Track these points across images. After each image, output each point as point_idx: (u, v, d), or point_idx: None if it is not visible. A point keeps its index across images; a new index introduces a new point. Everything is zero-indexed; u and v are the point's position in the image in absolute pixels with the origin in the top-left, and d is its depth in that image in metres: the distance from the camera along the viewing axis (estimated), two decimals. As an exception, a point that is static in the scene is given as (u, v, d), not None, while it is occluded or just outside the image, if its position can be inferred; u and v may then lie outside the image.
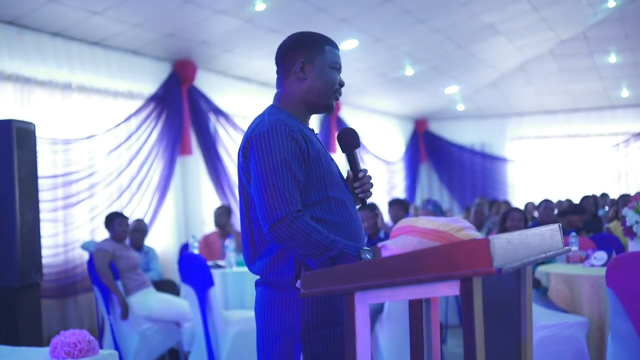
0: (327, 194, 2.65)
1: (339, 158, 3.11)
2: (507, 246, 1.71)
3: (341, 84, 2.81)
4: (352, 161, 2.81)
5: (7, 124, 6.18)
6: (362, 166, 2.89)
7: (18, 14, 7.56)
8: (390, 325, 6.25)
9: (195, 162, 10.44)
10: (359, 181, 2.80)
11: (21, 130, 6.26)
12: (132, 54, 9.42)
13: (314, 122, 13.98)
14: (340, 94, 2.83)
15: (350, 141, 2.83)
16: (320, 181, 2.64)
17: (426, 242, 1.84)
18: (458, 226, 1.85)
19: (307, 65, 2.76)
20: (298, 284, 2.56)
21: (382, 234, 7.36)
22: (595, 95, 16.59)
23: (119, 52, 9.19)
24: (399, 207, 8.50)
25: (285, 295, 2.65)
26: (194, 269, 6.43)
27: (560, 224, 2.32)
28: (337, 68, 2.79)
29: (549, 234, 2.14)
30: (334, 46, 2.81)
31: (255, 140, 2.59)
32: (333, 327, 2.59)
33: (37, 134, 6.57)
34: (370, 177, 2.84)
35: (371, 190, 2.86)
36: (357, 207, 2.87)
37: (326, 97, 2.78)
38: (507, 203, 13.25)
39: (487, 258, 1.57)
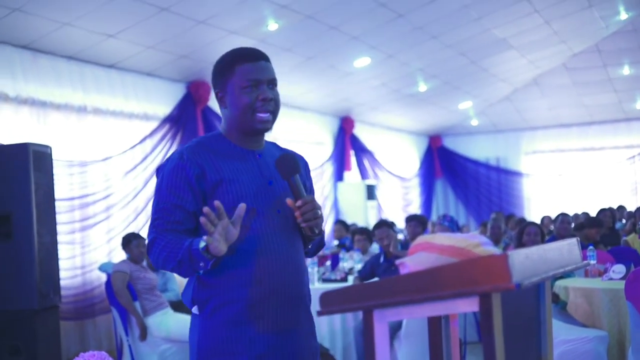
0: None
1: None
2: (526, 261, 1.70)
3: (264, 99, 2.58)
4: (292, 189, 2.57)
5: (24, 148, 6.23)
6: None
7: (33, 38, 7.63)
8: (408, 342, 6.23)
9: (210, 182, 10.46)
10: (298, 210, 2.54)
11: (38, 154, 6.31)
12: (146, 76, 9.47)
13: (329, 140, 14.00)
14: (267, 109, 2.60)
15: (285, 168, 2.58)
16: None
17: (444, 258, 1.84)
18: (475, 242, 1.85)
19: (223, 94, 2.65)
20: (195, 309, 2.59)
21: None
22: (610, 107, 16.55)
23: (134, 74, 9.24)
24: (417, 224, 8.46)
25: (191, 321, 2.66)
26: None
27: (578, 238, 2.31)
28: (252, 85, 2.58)
29: (567, 249, 2.13)
30: (249, 59, 2.63)
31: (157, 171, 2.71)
32: (224, 357, 2.53)
33: (53, 156, 6.61)
34: (312, 207, 2.54)
35: (316, 220, 2.57)
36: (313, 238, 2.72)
37: (245, 121, 2.60)
38: (522, 220, 13.18)
39: (506, 273, 1.56)
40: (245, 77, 2.58)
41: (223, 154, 2.62)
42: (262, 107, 2.58)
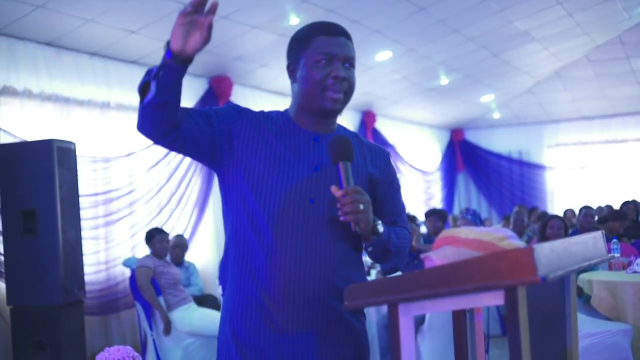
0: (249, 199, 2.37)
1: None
2: (551, 255, 1.70)
3: (336, 77, 2.36)
4: (339, 176, 2.30)
5: (48, 144, 6.28)
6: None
7: (56, 35, 7.67)
8: (431, 336, 6.24)
9: (233, 177, 10.49)
10: (340, 201, 2.25)
11: (62, 150, 6.36)
12: (168, 71, 9.49)
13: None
14: (338, 88, 2.38)
15: (334, 152, 2.32)
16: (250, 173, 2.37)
17: (469, 252, 1.84)
18: (500, 235, 1.84)
19: (295, 66, 2.45)
20: (220, 289, 2.49)
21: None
22: (633, 99, 16.41)
23: (156, 70, 9.26)
24: (437, 218, 8.47)
25: None
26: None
27: (603, 231, 2.30)
28: (326, 59, 2.37)
29: (592, 242, 2.12)
30: (328, 33, 2.41)
31: None
32: (225, 346, 2.48)
33: (77, 152, 6.66)
34: (352, 200, 2.24)
35: (356, 215, 2.24)
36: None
37: (313, 98, 2.39)
38: (544, 213, 13.12)
39: (531, 267, 1.56)
40: (320, 50, 2.37)
41: (277, 131, 2.44)
42: (334, 86, 2.36)
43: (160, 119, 2.28)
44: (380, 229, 2.38)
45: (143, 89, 2.29)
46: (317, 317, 2.36)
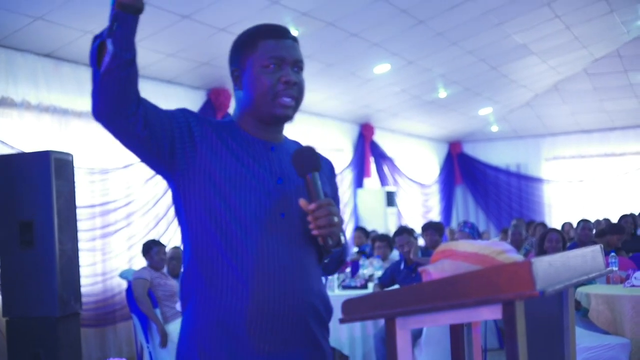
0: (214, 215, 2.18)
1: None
2: (549, 268, 1.69)
3: (287, 82, 2.20)
4: (307, 189, 2.15)
5: (45, 155, 6.28)
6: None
7: (55, 46, 7.68)
8: (429, 349, 6.21)
9: (230, 189, 10.48)
10: (311, 214, 2.11)
11: (59, 161, 6.35)
12: (167, 84, 9.50)
13: (348, 147, 13.98)
14: (289, 93, 2.22)
15: (302, 163, 2.16)
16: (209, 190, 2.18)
17: (467, 265, 1.83)
18: (499, 249, 1.84)
19: (240, 72, 2.29)
20: (178, 306, 2.28)
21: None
22: (631, 113, 16.44)
23: (155, 82, 9.27)
24: (434, 232, 8.41)
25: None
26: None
27: (601, 245, 2.30)
28: (275, 64, 2.21)
29: (591, 256, 2.12)
30: (275, 36, 2.26)
31: None
32: None
33: (74, 164, 6.65)
34: (327, 212, 2.10)
35: (331, 229, 2.11)
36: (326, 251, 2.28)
37: (263, 106, 2.21)
38: (543, 225, 13.11)
39: (529, 281, 1.55)
40: (268, 55, 2.21)
41: (236, 139, 2.25)
42: (284, 91, 2.20)
43: (122, 85, 2.01)
44: (343, 240, 2.24)
45: (97, 59, 1.98)
46: (293, 336, 2.20)
